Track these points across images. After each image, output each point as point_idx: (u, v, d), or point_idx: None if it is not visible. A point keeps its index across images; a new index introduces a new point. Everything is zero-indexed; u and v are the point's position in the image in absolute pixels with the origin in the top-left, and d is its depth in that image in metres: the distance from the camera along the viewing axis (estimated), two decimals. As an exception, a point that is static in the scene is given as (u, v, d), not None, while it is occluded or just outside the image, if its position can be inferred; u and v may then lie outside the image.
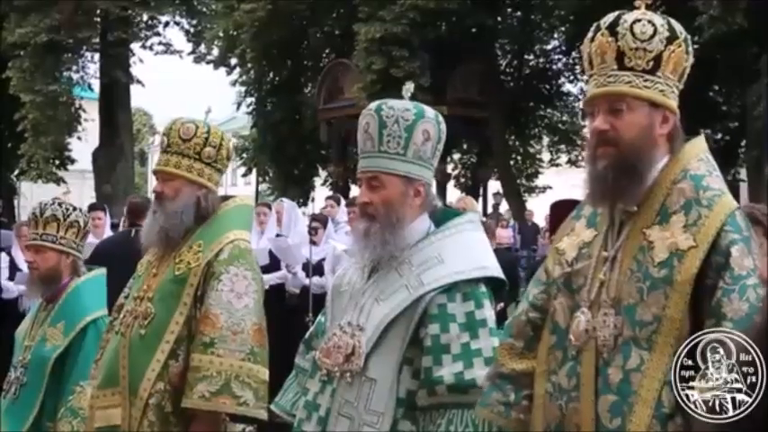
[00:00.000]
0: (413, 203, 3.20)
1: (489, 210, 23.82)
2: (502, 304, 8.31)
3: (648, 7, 2.71)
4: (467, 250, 3.21)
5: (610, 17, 2.70)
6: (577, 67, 26.64)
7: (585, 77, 2.82)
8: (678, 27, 2.67)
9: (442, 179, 25.26)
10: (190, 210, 3.96)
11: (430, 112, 3.25)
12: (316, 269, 9.45)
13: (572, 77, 26.90)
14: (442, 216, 3.32)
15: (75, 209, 4.62)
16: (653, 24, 2.63)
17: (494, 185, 26.17)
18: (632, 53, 2.63)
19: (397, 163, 3.17)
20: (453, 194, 23.96)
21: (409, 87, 3.38)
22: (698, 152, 2.70)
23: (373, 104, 3.25)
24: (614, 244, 2.66)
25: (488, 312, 3.12)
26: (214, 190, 4.06)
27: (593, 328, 2.61)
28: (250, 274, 3.90)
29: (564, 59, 27.05)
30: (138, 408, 3.82)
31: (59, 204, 4.59)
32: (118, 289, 4.26)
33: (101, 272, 4.73)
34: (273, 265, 9.54)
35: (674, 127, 2.68)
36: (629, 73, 2.63)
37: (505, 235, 18.15)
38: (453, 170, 28.34)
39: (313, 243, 9.44)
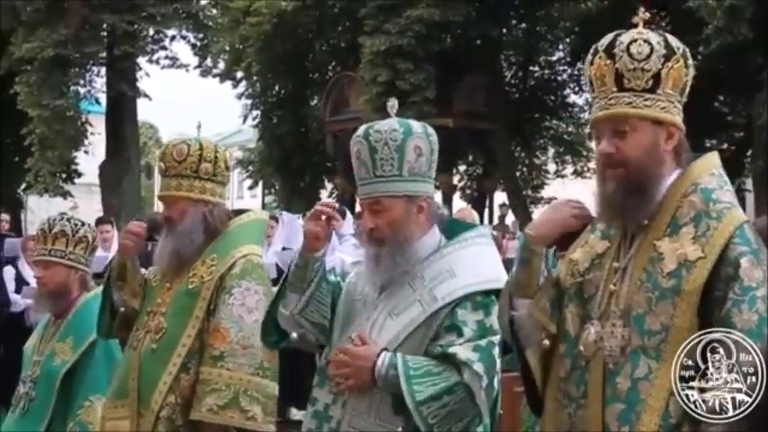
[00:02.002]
0: (418, 220, 3.20)
1: (495, 221, 23.80)
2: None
3: (653, 19, 2.72)
4: (478, 264, 3.21)
5: (606, 39, 2.72)
6: (582, 78, 26.67)
7: (590, 99, 2.85)
8: (675, 42, 2.69)
9: (448, 190, 25.26)
10: (198, 228, 3.99)
11: (417, 126, 3.24)
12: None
13: (577, 88, 26.89)
14: (453, 228, 3.33)
15: (83, 224, 4.62)
16: (649, 43, 2.64)
17: (500, 197, 26.17)
18: (630, 74, 2.64)
19: (394, 185, 3.17)
20: (459, 206, 23.95)
21: (393, 104, 3.36)
22: (710, 167, 2.72)
23: (361, 130, 3.24)
24: (626, 255, 2.68)
25: (497, 321, 3.12)
26: (219, 203, 4.08)
27: (601, 338, 2.63)
28: (261, 289, 3.93)
29: (569, 70, 27.06)
30: (148, 420, 3.84)
31: (68, 220, 4.59)
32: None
33: None
34: (280, 278, 9.53)
35: (680, 142, 2.70)
36: (630, 93, 2.64)
37: (512, 246, 18.12)
38: (459, 182, 28.35)
39: (319, 255, 9.43)
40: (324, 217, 3.28)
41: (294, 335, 3.36)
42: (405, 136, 3.18)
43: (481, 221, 19.79)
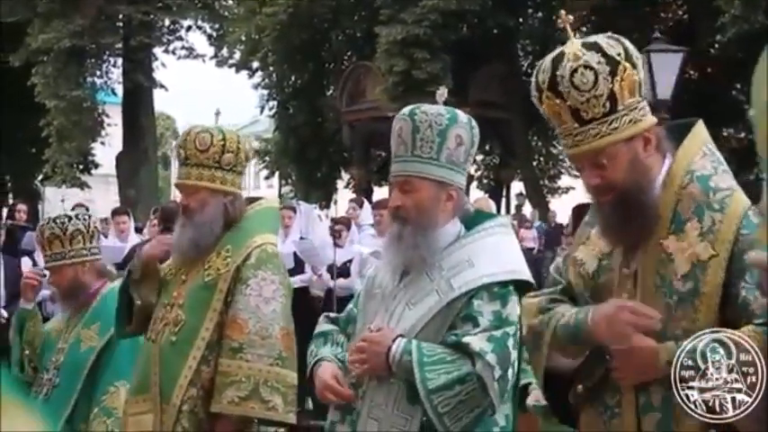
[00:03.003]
0: (445, 208, 3.20)
1: (512, 211, 23.77)
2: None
3: (579, 18, 2.68)
4: (497, 253, 3.20)
5: (545, 74, 2.65)
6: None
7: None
8: (614, 49, 2.60)
9: (466, 180, 25.21)
10: (218, 219, 3.97)
11: (463, 116, 3.25)
12: (340, 271, 9.47)
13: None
14: (473, 219, 3.32)
15: (69, 218, 4.59)
16: (591, 68, 2.56)
17: (516, 186, 26.12)
18: (585, 106, 2.58)
19: (429, 167, 3.17)
20: (476, 196, 23.93)
21: (443, 92, 3.40)
22: (699, 145, 2.68)
23: (407, 109, 3.25)
24: (633, 258, 2.65)
25: (514, 311, 3.12)
26: (239, 194, 4.07)
27: None
28: (278, 279, 3.92)
29: (586, 60, 26.93)
30: (170, 414, 3.84)
31: (54, 221, 4.58)
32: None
33: None
34: (298, 267, 9.57)
35: (658, 137, 2.65)
36: (593, 124, 2.59)
37: (529, 236, 18.10)
38: (476, 171, 28.30)
39: (337, 245, 9.47)
40: None
41: None
42: (449, 122, 3.18)
43: (498, 211, 19.78)
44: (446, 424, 3.00)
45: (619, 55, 2.59)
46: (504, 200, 25.15)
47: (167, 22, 27.79)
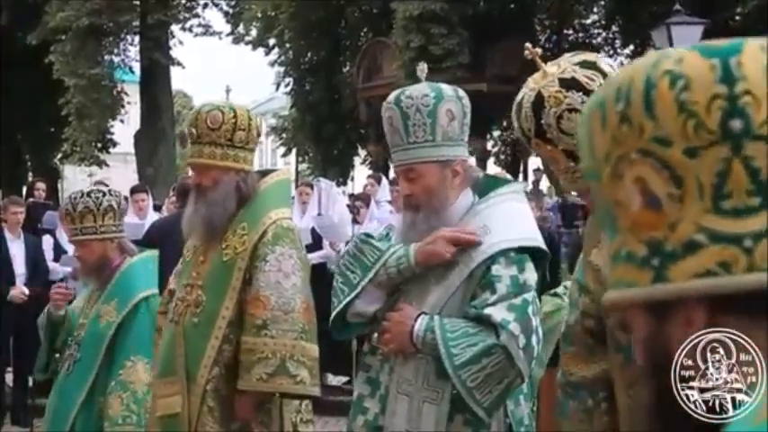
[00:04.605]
0: (453, 184, 3.21)
1: (530, 186, 23.71)
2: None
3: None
4: (512, 220, 3.22)
5: (529, 124, 2.61)
6: (617, 41, 26.40)
7: None
8: (594, 83, 2.54)
9: (483, 156, 25.17)
10: (231, 197, 3.98)
11: (448, 90, 3.24)
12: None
13: (612, 52, 26.66)
14: (486, 185, 3.33)
15: (104, 194, 4.61)
16: (576, 110, 2.50)
17: (534, 162, 26.04)
18: (548, 127, 2.55)
19: (428, 150, 3.17)
20: (493, 172, 23.88)
21: (423, 68, 3.38)
22: None
23: (392, 96, 3.25)
24: None
25: (531, 276, 3.13)
26: (251, 170, 4.08)
27: None
28: (295, 253, 3.93)
29: (604, 34, 26.80)
30: (196, 394, 3.88)
31: (88, 195, 4.59)
32: (171, 266, 4.33)
33: (152, 253, 4.80)
34: (316, 244, 9.58)
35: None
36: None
37: (546, 211, 18.02)
38: (493, 147, 28.23)
39: (356, 221, 9.48)
40: None
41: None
42: (436, 100, 3.17)
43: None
44: (476, 397, 3.02)
45: (600, 86, 2.53)
46: (521, 175, 25.07)
47: (184, 0, 27.75)
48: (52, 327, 4.74)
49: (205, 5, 28.50)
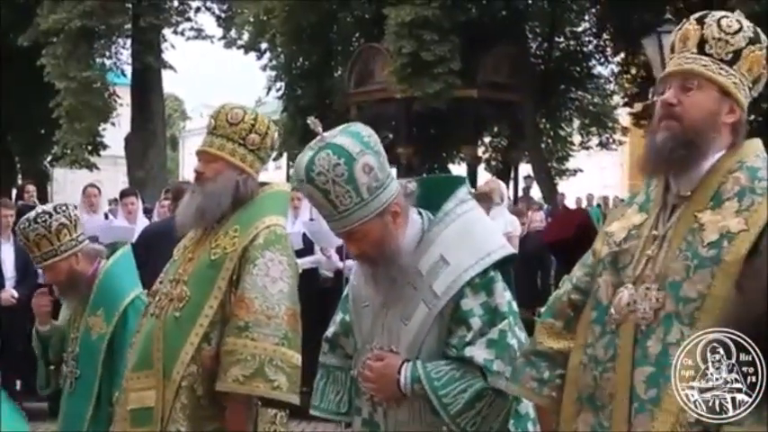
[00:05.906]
0: (397, 225, 3.11)
1: (520, 193, 23.76)
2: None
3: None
4: (467, 239, 3.13)
5: (702, 12, 2.78)
6: (608, 49, 26.48)
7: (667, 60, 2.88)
8: (763, 36, 2.73)
9: (473, 162, 25.23)
10: (228, 192, 3.98)
11: (350, 145, 3.05)
12: (349, 252, 9.49)
13: (603, 59, 26.76)
14: (428, 191, 3.25)
15: (50, 215, 4.54)
16: (740, 23, 2.70)
17: (525, 168, 26.10)
18: (714, 42, 2.69)
19: (361, 211, 3.06)
20: (484, 177, 23.92)
21: (315, 123, 3.22)
22: (756, 150, 2.75)
23: (302, 173, 3.05)
24: (665, 224, 2.70)
25: (501, 295, 3.10)
26: (254, 176, 4.07)
27: (634, 301, 2.65)
28: (285, 260, 3.92)
29: (595, 41, 26.89)
30: (171, 390, 3.85)
31: (35, 221, 4.52)
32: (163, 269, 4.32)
33: (124, 250, 4.80)
34: (307, 249, 9.60)
35: (739, 121, 2.73)
36: (708, 58, 2.69)
37: (537, 218, 18.07)
38: (484, 153, 28.29)
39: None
40: None
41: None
42: (348, 165, 3.02)
43: (506, 193, 19.72)
44: None
45: (765, 41, 2.75)
46: (512, 182, 25.14)
47: (176, 3, 27.76)
48: (42, 343, 4.75)
49: (197, 9, 28.53)
